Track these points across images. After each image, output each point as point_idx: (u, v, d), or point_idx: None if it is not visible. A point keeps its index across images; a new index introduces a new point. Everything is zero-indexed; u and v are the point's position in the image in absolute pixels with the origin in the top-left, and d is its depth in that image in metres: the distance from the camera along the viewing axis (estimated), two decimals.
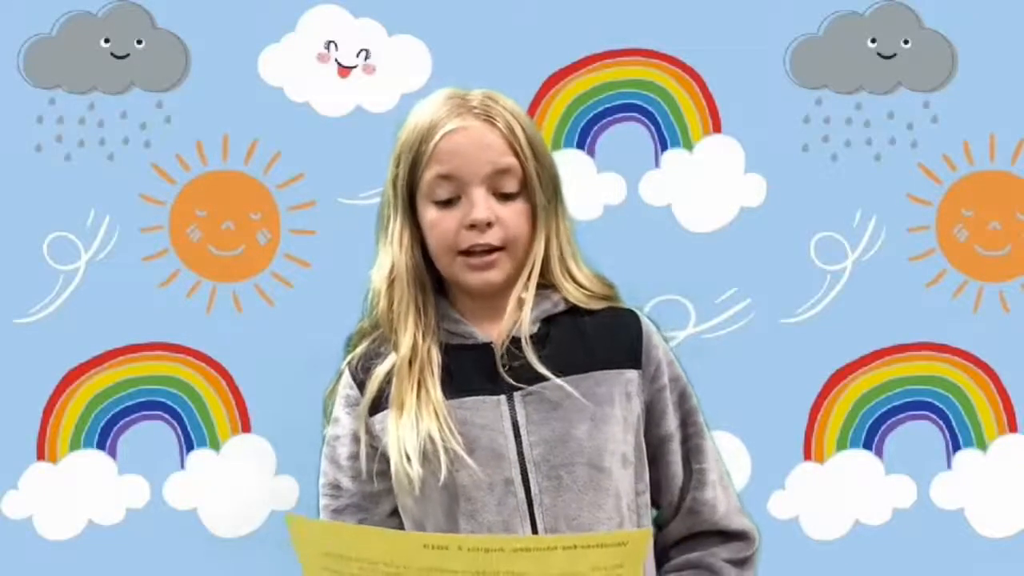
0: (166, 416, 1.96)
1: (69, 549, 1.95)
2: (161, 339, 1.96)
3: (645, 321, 1.67)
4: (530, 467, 1.56)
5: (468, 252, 1.58)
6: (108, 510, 1.96)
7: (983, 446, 2.00)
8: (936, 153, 2.00)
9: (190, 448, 1.96)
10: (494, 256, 1.59)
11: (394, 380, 1.59)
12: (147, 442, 1.96)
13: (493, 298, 1.62)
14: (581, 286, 1.64)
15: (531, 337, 1.60)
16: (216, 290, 1.97)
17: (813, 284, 1.99)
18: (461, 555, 1.33)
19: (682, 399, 1.66)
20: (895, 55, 2.00)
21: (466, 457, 1.54)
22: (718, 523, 1.64)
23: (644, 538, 1.41)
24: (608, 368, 1.61)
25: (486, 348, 1.61)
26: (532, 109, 1.97)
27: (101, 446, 1.96)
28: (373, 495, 1.62)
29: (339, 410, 1.66)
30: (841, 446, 1.99)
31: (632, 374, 1.62)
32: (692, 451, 1.66)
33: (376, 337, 1.65)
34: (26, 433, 1.95)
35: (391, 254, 1.63)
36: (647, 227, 1.98)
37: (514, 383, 1.58)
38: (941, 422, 1.99)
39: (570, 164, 1.96)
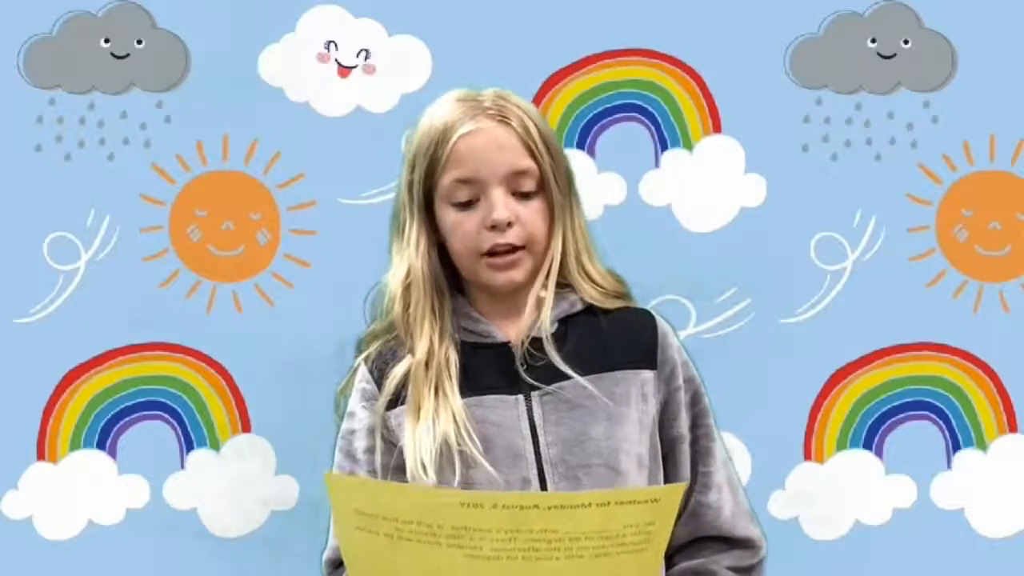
0: (166, 416, 1.96)
1: (69, 549, 1.95)
2: (161, 339, 1.96)
3: (661, 321, 1.67)
4: (547, 467, 1.56)
5: (491, 253, 1.59)
6: (108, 510, 1.96)
7: (983, 446, 2.00)
8: (936, 153, 2.00)
9: (190, 448, 1.96)
10: (516, 255, 1.60)
11: (410, 383, 1.60)
12: (147, 442, 1.96)
13: (512, 297, 1.63)
14: (597, 284, 1.65)
15: (550, 336, 1.60)
16: (216, 290, 1.97)
17: (813, 284, 1.99)
18: (496, 513, 1.33)
19: (694, 400, 1.66)
20: (895, 55, 2.00)
21: (482, 460, 1.54)
22: (721, 527, 1.64)
23: (676, 494, 1.39)
24: (624, 368, 1.61)
25: (504, 347, 1.62)
26: None
27: (101, 446, 1.96)
28: None
29: (355, 404, 1.66)
30: (841, 446, 1.99)
31: (648, 374, 1.62)
32: (700, 453, 1.65)
33: (391, 339, 1.65)
34: (26, 433, 1.95)
35: (407, 258, 1.64)
36: (647, 227, 1.98)
37: (532, 383, 1.58)
38: (941, 422, 1.99)
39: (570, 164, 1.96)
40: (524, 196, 1.60)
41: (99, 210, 1.96)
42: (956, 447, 1.99)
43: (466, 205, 1.60)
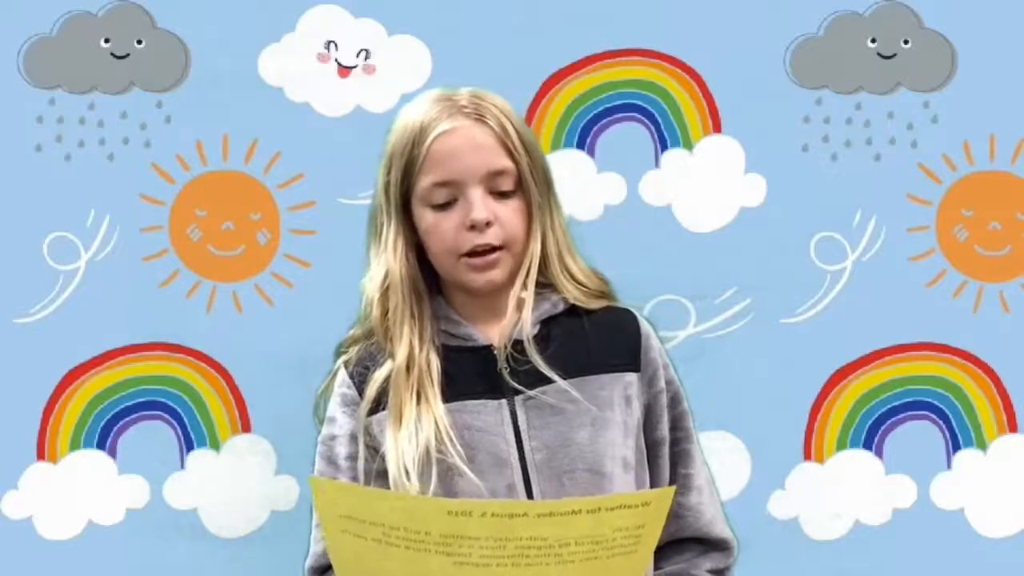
0: (166, 416, 1.96)
1: (69, 549, 1.95)
2: (161, 339, 1.96)
3: (643, 322, 1.66)
4: (532, 472, 1.55)
5: (470, 254, 1.58)
6: (108, 510, 1.96)
7: (983, 446, 2.00)
8: (936, 153, 2.00)
9: (190, 448, 1.96)
10: (495, 255, 1.58)
11: (391, 389, 1.58)
12: (147, 442, 1.96)
13: (493, 298, 1.61)
14: (579, 283, 1.64)
15: (533, 338, 1.59)
16: (216, 290, 1.97)
17: (813, 284, 1.99)
18: (484, 521, 1.32)
19: (674, 402, 1.65)
20: (895, 55, 2.00)
21: (465, 469, 1.53)
22: (701, 529, 1.63)
23: (666, 497, 1.39)
24: (608, 371, 1.60)
25: (486, 350, 1.60)
26: (532, 109, 1.97)
27: (101, 446, 1.96)
28: None
29: (335, 409, 1.64)
30: (841, 446, 1.99)
31: (631, 377, 1.62)
32: (680, 456, 1.65)
33: (371, 344, 1.64)
34: (26, 433, 1.95)
35: (385, 262, 1.62)
36: (647, 227, 1.98)
37: (516, 386, 1.57)
38: (941, 422, 1.99)
39: (570, 164, 1.96)
40: (502, 195, 1.59)
41: (99, 210, 1.96)
42: (956, 447, 1.99)
43: (444, 206, 1.58)
